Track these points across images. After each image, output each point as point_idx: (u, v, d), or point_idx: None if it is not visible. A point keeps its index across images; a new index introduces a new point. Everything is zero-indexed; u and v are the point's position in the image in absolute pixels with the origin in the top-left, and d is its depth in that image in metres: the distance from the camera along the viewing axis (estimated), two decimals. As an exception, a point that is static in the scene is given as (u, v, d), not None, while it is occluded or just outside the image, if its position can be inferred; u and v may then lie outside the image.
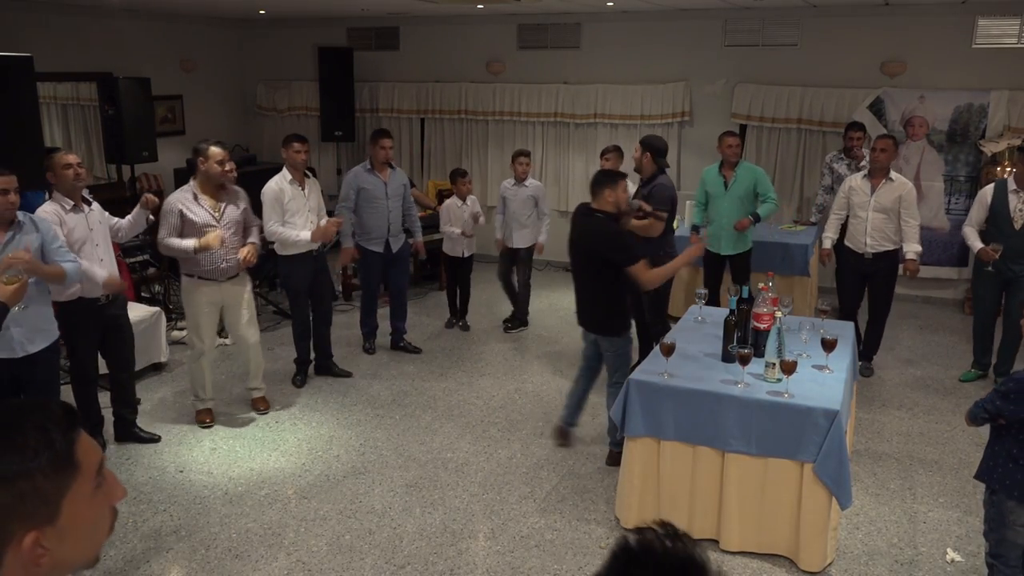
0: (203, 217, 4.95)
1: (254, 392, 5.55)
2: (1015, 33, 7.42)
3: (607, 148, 6.68)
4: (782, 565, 3.80)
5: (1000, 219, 5.57)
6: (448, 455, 4.93)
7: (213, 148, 4.96)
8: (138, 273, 6.69)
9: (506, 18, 9.13)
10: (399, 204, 6.37)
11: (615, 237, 4.44)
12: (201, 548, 3.95)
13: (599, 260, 4.45)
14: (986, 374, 6.05)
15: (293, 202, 5.55)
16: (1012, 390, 3.07)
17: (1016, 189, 5.52)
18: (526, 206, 6.94)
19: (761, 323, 4.16)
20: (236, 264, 5.08)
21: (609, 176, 4.54)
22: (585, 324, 4.71)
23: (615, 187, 4.45)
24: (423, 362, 6.47)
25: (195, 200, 4.96)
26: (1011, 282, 5.66)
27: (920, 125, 7.82)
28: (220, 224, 4.98)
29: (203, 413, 5.34)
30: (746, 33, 8.30)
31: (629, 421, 3.97)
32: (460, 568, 3.79)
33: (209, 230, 4.92)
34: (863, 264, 5.90)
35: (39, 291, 4.06)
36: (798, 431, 3.63)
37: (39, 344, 4.07)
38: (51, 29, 8.00)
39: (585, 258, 4.58)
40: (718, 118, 8.51)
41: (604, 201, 4.45)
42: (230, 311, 5.21)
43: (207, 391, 5.32)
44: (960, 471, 4.71)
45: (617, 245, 4.41)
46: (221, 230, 4.94)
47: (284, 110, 10.50)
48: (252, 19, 10.17)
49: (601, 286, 4.51)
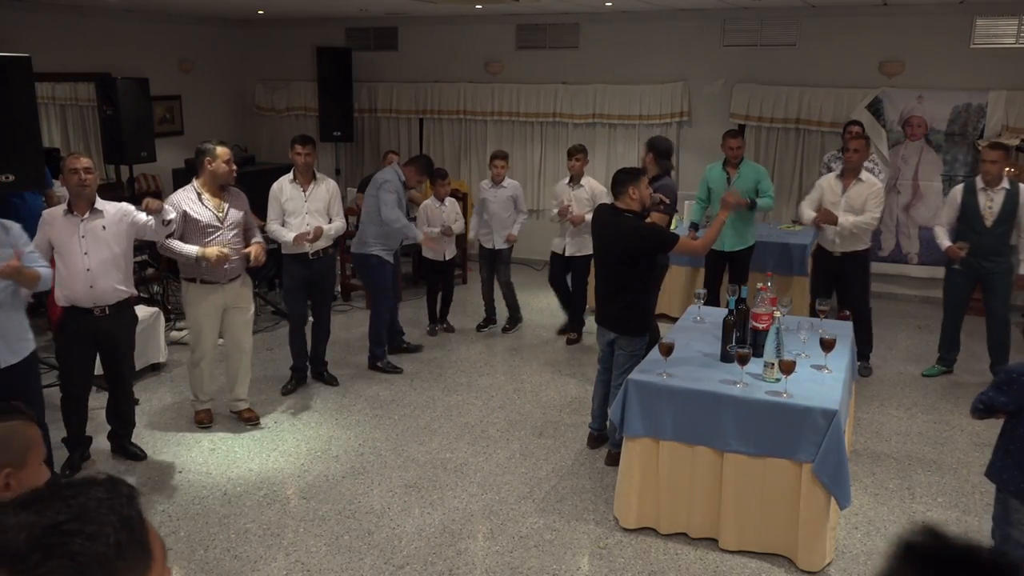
0: (207, 217, 4.88)
1: (239, 403, 5.33)
2: (1013, 33, 7.43)
3: (576, 148, 6.70)
4: (781, 565, 3.80)
5: (971, 218, 5.67)
6: (447, 455, 4.92)
7: (220, 148, 4.90)
8: (137, 273, 6.67)
9: (505, 18, 9.13)
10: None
11: (649, 232, 4.48)
12: (200, 548, 3.95)
13: (632, 259, 4.48)
14: (950, 370, 6.14)
15: (291, 202, 5.52)
16: (1003, 380, 3.11)
17: (984, 188, 5.63)
18: (506, 207, 6.90)
19: (760, 323, 4.17)
20: (239, 265, 5.02)
21: (631, 174, 4.56)
22: (606, 322, 4.70)
23: (638, 184, 4.48)
24: (422, 363, 6.47)
25: (199, 200, 4.89)
26: (985, 279, 5.76)
27: (918, 125, 7.82)
28: (224, 225, 4.92)
29: (202, 414, 5.29)
30: (744, 33, 8.30)
31: (628, 421, 3.97)
32: (459, 568, 3.79)
33: (212, 231, 4.87)
34: (832, 263, 5.95)
35: (14, 299, 3.93)
36: (797, 431, 3.63)
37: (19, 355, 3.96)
38: (49, 29, 8.00)
39: (615, 259, 4.57)
40: (717, 118, 8.52)
41: (628, 199, 4.48)
42: (230, 313, 5.12)
43: (206, 393, 5.27)
44: (959, 471, 4.72)
45: (654, 238, 4.47)
46: (222, 248, 4.84)
47: (283, 110, 10.50)
48: (251, 19, 10.17)
49: (629, 285, 4.54)
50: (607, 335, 4.71)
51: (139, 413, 5.21)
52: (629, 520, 4.06)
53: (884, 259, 7.96)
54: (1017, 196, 5.58)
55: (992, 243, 5.64)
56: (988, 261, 5.68)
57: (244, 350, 5.23)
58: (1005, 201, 5.59)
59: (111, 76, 7.76)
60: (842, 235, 5.82)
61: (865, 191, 5.77)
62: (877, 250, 7.65)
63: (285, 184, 5.56)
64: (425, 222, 6.92)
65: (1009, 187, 5.59)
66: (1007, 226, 5.63)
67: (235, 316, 5.14)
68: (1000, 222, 5.61)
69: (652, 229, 4.53)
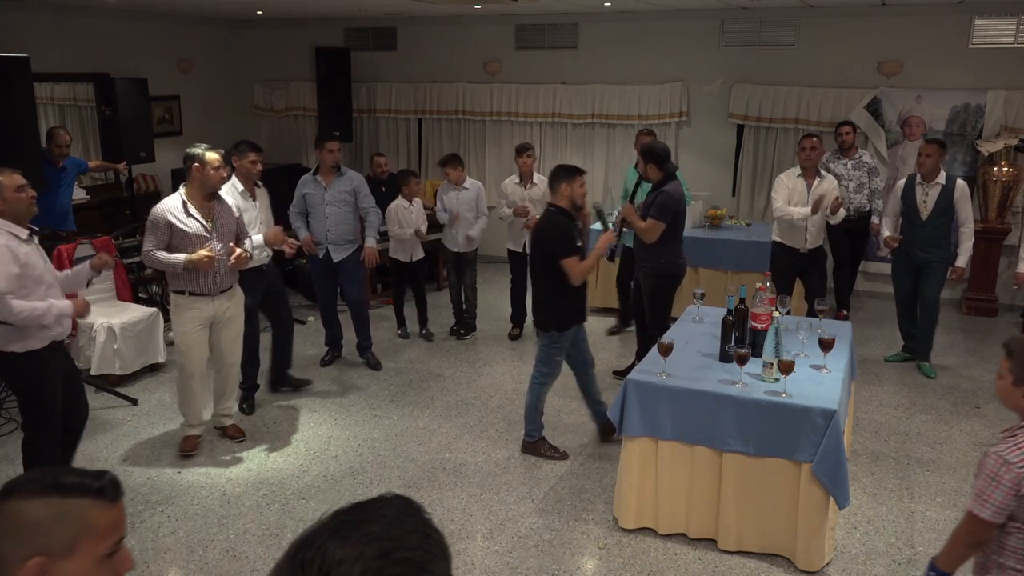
0: (195, 228, 4.56)
1: (224, 419, 5.09)
2: (1012, 33, 7.43)
3: (525, 145, 6.68)
4: (780, 565, 3.81)
5: (910, 211, 6.00)
6: (446, 455, 4.92)
7: (211, 153, 4.54)
8: (135, 274, 6.67)
9: (503, 18, 9.13)
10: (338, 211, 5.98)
11: (557, 229, 4.53)
12: (199, 549, 3.95)
13: (542, 251, 4.60)
14: (913, 357, 6.34)
15: (246, 214, 5.17)
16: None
17: (921, 182, 5.91)
18: (470, 209, 6.77)
19: (759, 323, 4.17)
20: (230, 276, 4.77)
21: (566, 171, 4.64)
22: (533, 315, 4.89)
23: (571, 182, 4.56)
24: (421, 363, 6.47)
25: (185, 210, 4.55)
26: (922, 269, 6.02)
27: (917, 125, 7.83)
28: (213, 236, 4.60)
29: (191, 440, 4.92)
30: (743, 33, 8.31)
31: (627, 421, 3.97)
32: (458, 568, 3.79)
33: (201, 242, 4.55)
34: (798, 259, 6.17)
35: None
36: (796, 431, 3.64)
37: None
38: (48, 29, 8.00)
39: (532, 251, 4.83)
40: (716, 118, 8.53)
41: (560, 195, 4.58)
42: (219, 326, 4.82)
43: (197, 415, 4.94)
44: (958, 470, 4.72)
45: (556, 239, 4.52)
46: (211, 250, 4.53)
47: (281, 110, 10.49)
48: (249, 19, 10.17)
49: (544, 278, 4.64)
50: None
51: (137, 414, 5.21)
52: (628, 520, 4.06)
53: (883, 259, 7.96)
54: (952, 191, 5.85)
55: (928, 235, 5.92)
56: (924, 252, 5.97)
57: (230, 364, 4.99)
58: (940, 196, 5.88)
59: (110, 76, 7.76)
60: (812, 232, 6.12)
61: (827, 186, 6.06)
62: (876, 250, 7.66)
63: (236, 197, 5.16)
64: (396, 224, 6.72)
65: (944, 183, 5.87)
66: (943, 219, 5.91)
67: (224, 330, 4.85)
68: (935, 216, 5.90)
69: (560, 231, 4.53)
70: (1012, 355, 2.46)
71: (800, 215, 6.02)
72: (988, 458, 2.39)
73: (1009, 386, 2.46)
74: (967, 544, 2.49)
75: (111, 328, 5.79)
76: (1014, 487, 2.32)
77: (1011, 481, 2.32)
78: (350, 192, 6.01)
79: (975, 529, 2.43)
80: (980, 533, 2.43)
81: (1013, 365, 2.44)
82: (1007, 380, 2.47)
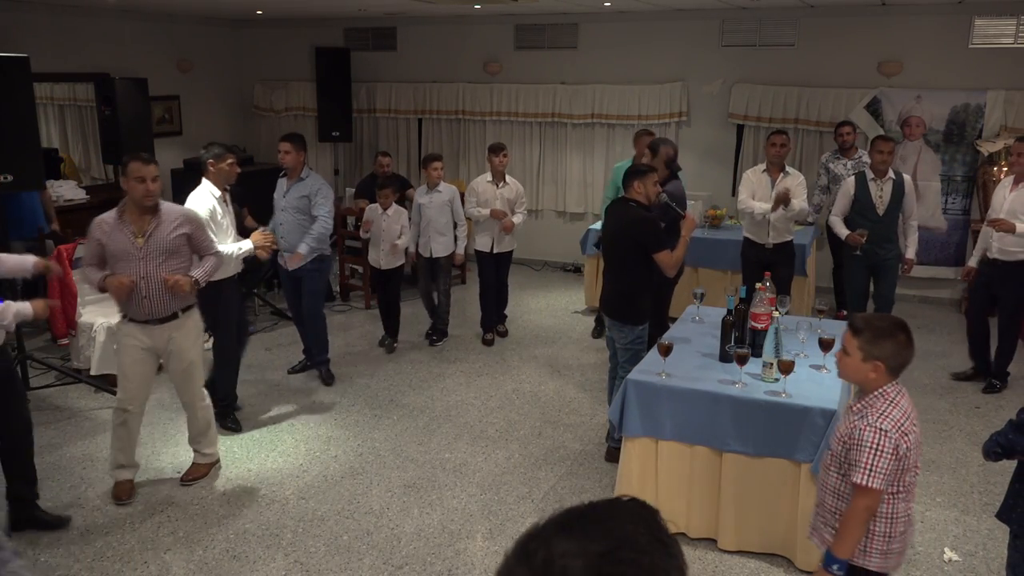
0: (120, 244, 4.04)
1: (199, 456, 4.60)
2: (1011, 33, 7.43)
3: (500, 145, 6.65)
4: (780, 565, 3.81)
5: (864, 207, 5.99)
6: (446, 455, 4.93)
7: (134, 163, 4.00)
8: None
9: (503, 18, 9.13)
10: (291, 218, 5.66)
11: (646, 222, 4.60)
12: (199, 549, 3.95)
13: (628, 245, 4.61)
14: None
15: (225, 219, 4.93)
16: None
17: (874, 178, 5.96)
18: (443, 213, 6.52)
19: (758, 323, 4.17)
20: (172, 303, 4.18)
21: (640, 170, 4.74)
22: (605, 308, 4.85)
23: (644, 180, 4.64)
24: (421, 363, 6.47)
25: (117, 223, 4.06)
26: (878, 266, 6.08)
27: (917, 125, 7.83)
28: (141, 255, 4.05)
29: (122, 486, 4.34)
30: (743, 33, 8.31)
31: (627, 421, 3.97)
32: (458, 568, 3.79)
33: (128, 258, 4.06)
34: (764, 253, 6.22)
35: None
36: (795, 431, 3.64)
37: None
38: (48, 29, 7.99)
39: (614, 243, 4.75)
40: (715, 118, 8.53)
41: (634, 192, 4.64)
42: (167, 359, 4.32)
43: (128, 456, 4.35)
44: (957, 470, 4.72)
45: (648, 229, 4.58)
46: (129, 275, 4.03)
47: (281, 110, 10.49)
48: (249, 19, 10.17)
49: (626, 272, 4.65)
50: (610, 325, 4.81)
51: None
52: (628, 520, 4.05)
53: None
54: (903, 186, 5.96)
55: (884, 231, 6.00)
56: (881, 248, 6.00)
57: (185, 403, 4.50)
58: (894, 191, 5.96)
59: (109, 76, 7.76)
60: (776, 228, 6.19)
61: (791, 183, 6.12)
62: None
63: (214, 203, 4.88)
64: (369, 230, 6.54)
65: (895, 178, 5.98)
66: (895, 214, 6.00)
67: (169, 364, 4.34)
68: (890, 211, 5.98)
69: (650, 222, 4.62)
70: (859, 332, 2.60)
71: (760, 210, 6.10)
72: (864, 432, 2.53)
73: (859, 363, 2.60)
74: (865, 520, 2.60)
75: (111, 328, 5.78)
76: (894, 452, 2.52)
77: (891, 448, 2.51)
78: (304, 198, 5.61)
79: (871, 503, 2.56)
80: (875, 505, 2.57)
81: (862, 342, 2.59)
82: (856, 357, 2.61)
